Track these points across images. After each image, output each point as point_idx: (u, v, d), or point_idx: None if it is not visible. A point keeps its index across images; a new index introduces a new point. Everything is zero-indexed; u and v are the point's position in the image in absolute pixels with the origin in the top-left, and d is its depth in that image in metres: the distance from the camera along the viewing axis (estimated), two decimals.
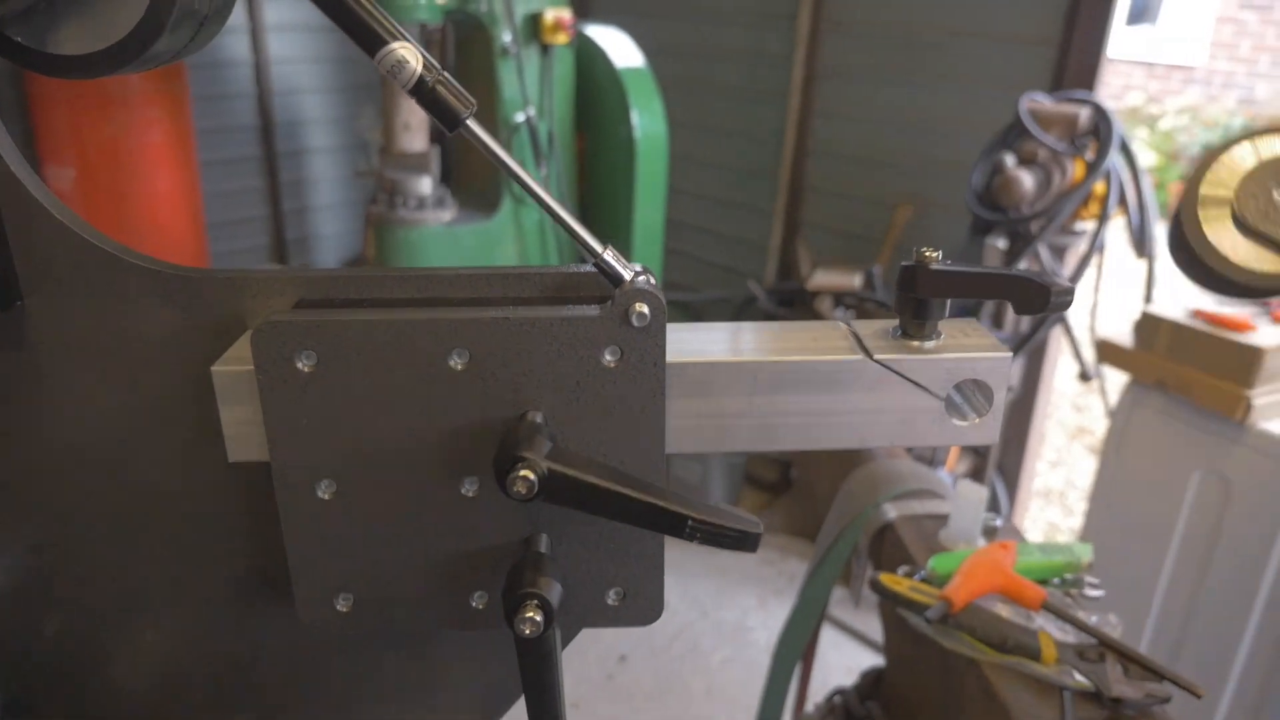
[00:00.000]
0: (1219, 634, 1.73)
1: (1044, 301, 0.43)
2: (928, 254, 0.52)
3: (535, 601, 0.46)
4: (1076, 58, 2.52)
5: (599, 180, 2.99)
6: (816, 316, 2.90)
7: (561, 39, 2.67)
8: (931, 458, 2.68)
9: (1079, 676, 0.93)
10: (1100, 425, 4.22)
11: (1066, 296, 0.42)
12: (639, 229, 2.93)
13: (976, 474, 2.81)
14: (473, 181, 2.86)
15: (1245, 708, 1.72)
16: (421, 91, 0.49)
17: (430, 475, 0.51)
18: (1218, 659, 1.74)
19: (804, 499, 3.20)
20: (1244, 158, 0.51)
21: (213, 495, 0.57)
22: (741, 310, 3.27)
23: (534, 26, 2.66)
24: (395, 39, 0.48)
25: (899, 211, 3.00)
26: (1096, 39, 2.48)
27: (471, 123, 0.50)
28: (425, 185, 2.63)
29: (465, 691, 0.68)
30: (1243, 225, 0.51)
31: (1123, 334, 1.82)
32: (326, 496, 0.51)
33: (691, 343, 0.53)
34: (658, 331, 0.48)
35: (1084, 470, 4.02)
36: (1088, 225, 2.41)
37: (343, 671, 0.65)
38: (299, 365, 0.48)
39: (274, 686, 0.65)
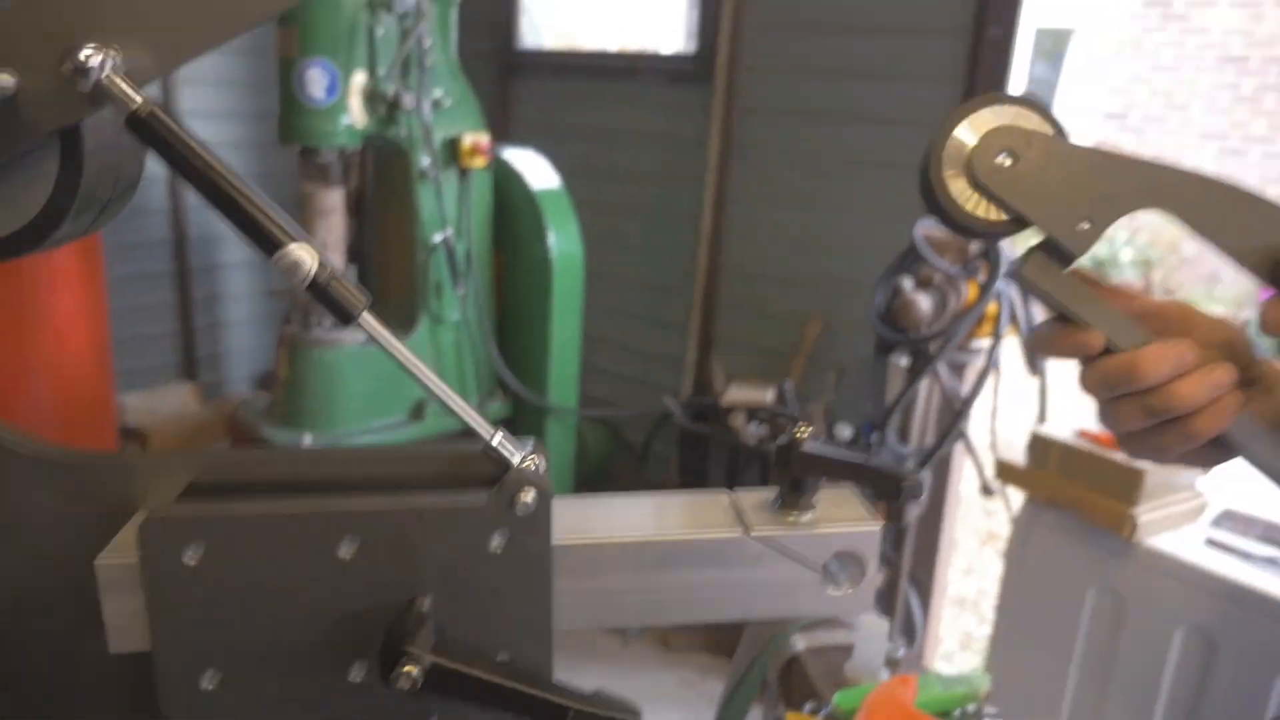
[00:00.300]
0: None
1: (895, 492, 0.46)
2: (800, 434, 0.56)
3: None
4: None
5: (516, 298, 3.04)
6: (730, 431, 2.95)
7: (479, 163, 2.75)
8: None
9: None
10: (1008, 529, 4.33)
11: (917, 489, 0.46)
12: (556, 345, 2.98)
13: (891, 587, 2.85)
14: (389, 301, 2.87)
15: None
16: (316, 289, 0.51)
17: (318, 662, 0.51)
18: None
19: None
20: (984, 120, 0.60)
21: (94, 685, 0.56)
22: (658, 426, 3.31)
23: (452, 151, 2.74)
24: (292, 240, 0.51)
25: (809, 328, 3.11)
26: None
27: (367, 315, 0.52)
28: None
29: None
30: (972, 178, 0.59)
31: (1017, 453, 1.91)
32: (210, 687, 0.50)
33: (580, 521, 0.55)
34: (543, 517, 0.50)
35: (995, 576, 4.10)
36: (984, 343, 2.54)
37: None
38: (186, 559, 0.48)
39: None
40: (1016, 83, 2.69)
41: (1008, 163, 0.59)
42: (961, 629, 3.76)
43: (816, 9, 2.95)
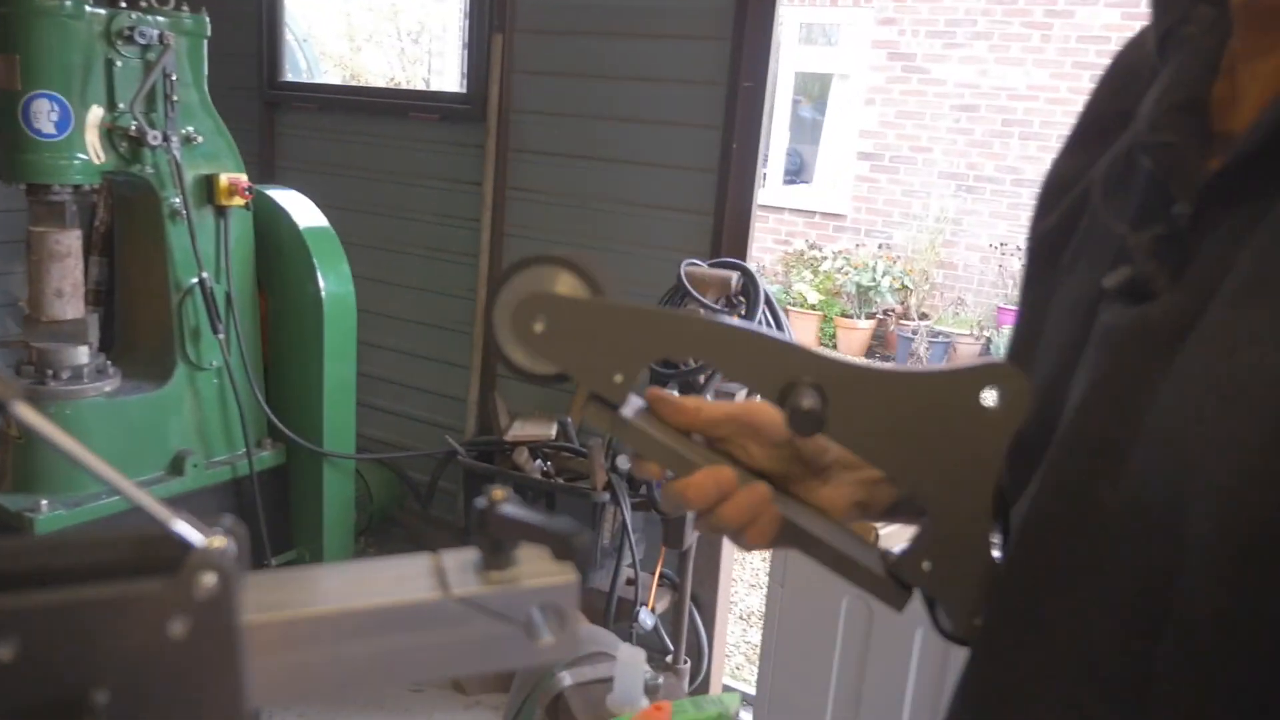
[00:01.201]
0: None
1: (569, 551, 0.49)
2: (497, 494, 0.58)
3: None
4: (729, 225, 2.86)
5: (285, 340, 2.91)
6: (516, 468, 2.96)
7: (238, 201, 2.63)
8: (634, 599, 2.78)
9: None
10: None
11: (584, 552, 0.49)
12: (329, 389, 2.88)
13: (676, 606, 2.95)
14: (141, 347, 2.68)
15: None
16: None
17: None
18: None
19: None
20: (525, 283, 0.66)
21: None
22: (443, 466, 3.26)
23: (208, 189, 2.60)
24: None
25: None
26: (743, 212, 2.84)
27: (19, 405, 0.50)
28: (81, 355, 2.43)
29: None
30: (518, 332, 0.65)
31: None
32: None
33: (275, 595, 0.55)
34: (229, 598, 0.49)
35: None
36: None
37: None
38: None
39: None
40: (776, 125, 2.89)
41: (541, 327, 0.64)
42: (749, 642, 3.93)
43: (583, 58, 3.05)
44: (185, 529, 0.51)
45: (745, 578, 4.40)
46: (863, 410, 0.66)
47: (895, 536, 1.09)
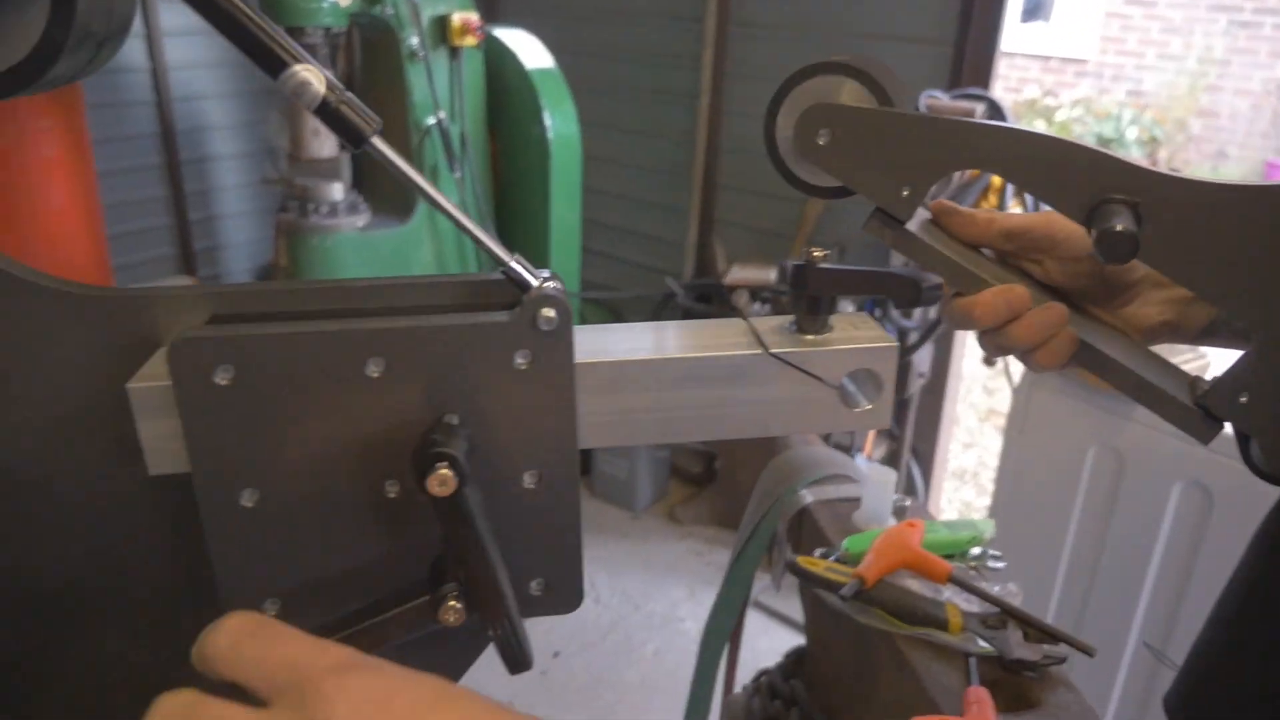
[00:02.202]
0: (1118, 598, 1.84)
1: (915, 296, 0.46)
2: (815, 254, 0.56)
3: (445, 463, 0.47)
4: (971, 56, 2.63)
5: (514, 182, 3.00)
6: (734, 311, 2.95)
7: (470, 41, 2.67)
8: (850, 444, 2.77)
9: (982, 643, 0.99)
10: (1008, 405, 4.41)
11: (935, 291, 0.46)
12: (555, 229, 2.95)
13: (893, 458, 2.91)
14: (386, 187, 2.84)
15: (1143, 668, 1.83)
16: (326, 112, 0.50)
17: (352, 479, 0.52)
18: (1119, 621, 1.85)
19: (728, 490, 3.26)
20: (807, 93, 0.62)
21: (135, 509, 0.58)
22: (661, 307, 3.31)
23: (441, 29, 2.66)
24: (297, 61, 0.50)
25: (809, 206, 3.08)
26: (989, 38, 2.59)
27: (377, 140, 0.52)
28: (337, 191, 2.60)
29: None
30: (800, 151, 0.62)
31: None
32: (249, 505, 0.52)
33: (601, 343, 0.56)
34: (565, 334, 0.51)
35: (995, 450, 4.19)
36: None
37: None
38: (217, 379, 0.49)
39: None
40: None
41: (825, 140, 0.61)
42: (961, 500, 3.86)
43: None
44: (521, 269, 0.52)
45: (959, 437, 4.28)
46: (1185, 230, 0.58)
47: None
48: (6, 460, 0.56)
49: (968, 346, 3.11)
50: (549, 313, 0.50)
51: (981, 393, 4.78)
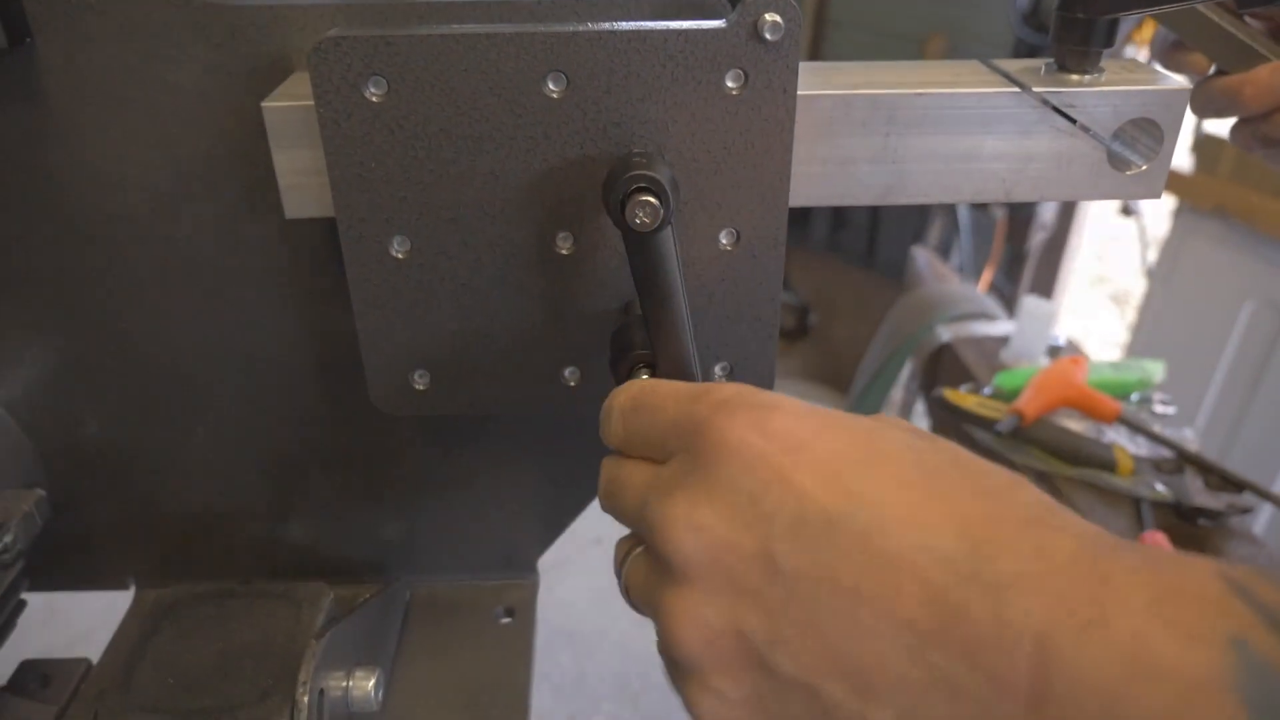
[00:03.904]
0: (1265, 454, 1.71)
1: None
2: None
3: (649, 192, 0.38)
4: None
5: None
6: None
7: None
8: None
9: (1159, 487, 0.90)
10: (1119, 275, 4.18)
11: None
12: None
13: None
14: None
15: None
16: None
17: (519, 227, 0.44)
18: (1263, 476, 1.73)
19: (822, 345, 3.17)
20: None
21: (267, 262, 0.51)
22: None
23: None
24: None
25: (930, 44, 2.83)
26: None
27: None
28: None
29: (532, 501, 0.64)
30: None
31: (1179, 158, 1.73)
32: (400, 255, 0.45)
33: (814, 76, 0.46)
34: (790, 50, 0.41)
35: (1101, 320, 3.99)
36: (1142, 52, 2.27)
37: (406, 473, 0.61)
38: (367, 93, 0.41)
39: (332, 487, 0.61)
40: None
41: None
42: None
43: None
44: None
45: (1066, 303, 4.07)
46: None
47: None
48: (135, 208, 0.49)
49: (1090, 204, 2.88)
50: (774, 17, 0.40)
51: (1092, 258, 4.52)
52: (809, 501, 0.30)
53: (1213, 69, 0.58)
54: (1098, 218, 3.89)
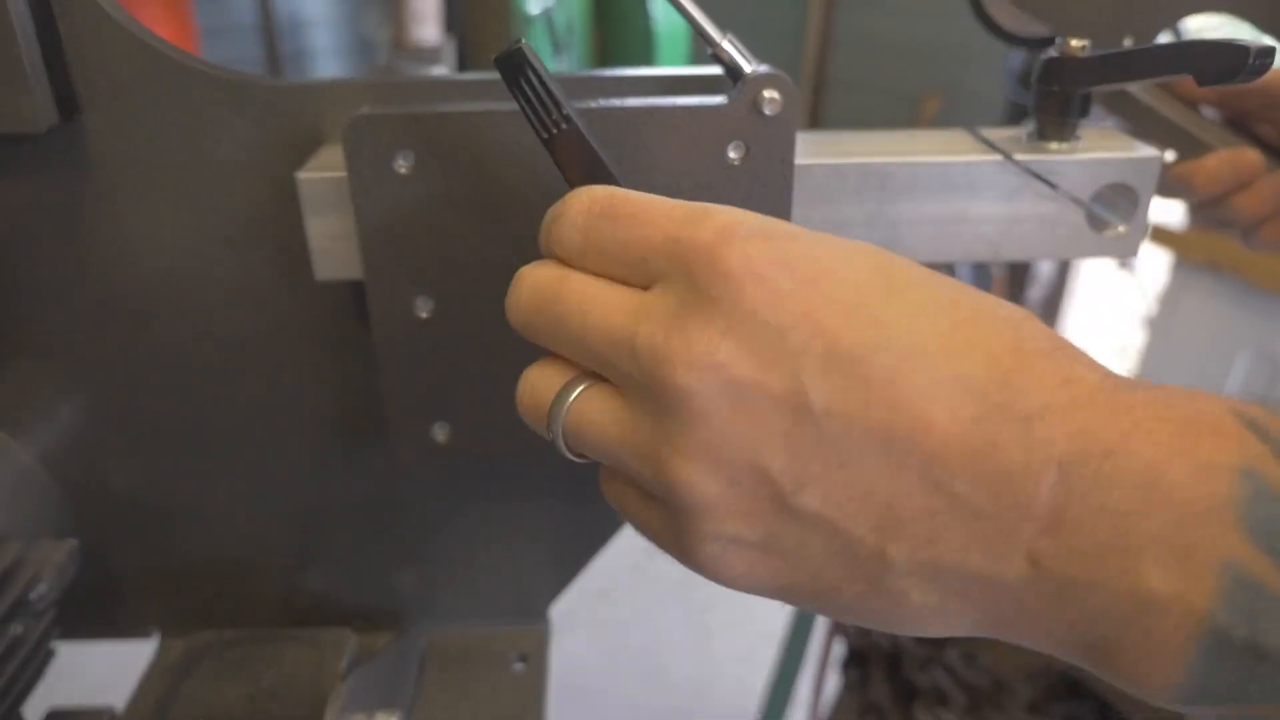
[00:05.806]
0: None
1: (1240, 64, 0.38)
2: (1074, 44, 0.48)
3: None
4: None
5: None
6: None
7: None
8: None
9: None
10: (1119, 327, 4.21)
11: (1268, 59, 0.38)
12: None
13: None
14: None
15: None
16: None
17: None
18: None
19: None
20: None
21: (294, 322, 0.54)
22: None
23: None
24: None
25: (925, 105, 2.91)
26: None
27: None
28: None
29: (544, 549, 0.66)
30: None
31: (1172, 217, 1.77)
32: (424, 315, 0.47)
33: (811, 147, 0.49)
34: (787, 124, 0.44)
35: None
36: None
37: (424, 522, 0.63)
38: (396, 166, 0.44)
39: (356, 536, 0.63)
40: None
41: None
42: None
43: None
44: (734, 52, 0.45)
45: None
46: None
47: None
48: (170, 273, 0.53)
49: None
50: (772, 94, 0.43)
51: (1090, 310, 4.55)
52: (837, 337, 0.28)
53: (1169, 155, 0.62)
54: (1096, 272, 3.94)
